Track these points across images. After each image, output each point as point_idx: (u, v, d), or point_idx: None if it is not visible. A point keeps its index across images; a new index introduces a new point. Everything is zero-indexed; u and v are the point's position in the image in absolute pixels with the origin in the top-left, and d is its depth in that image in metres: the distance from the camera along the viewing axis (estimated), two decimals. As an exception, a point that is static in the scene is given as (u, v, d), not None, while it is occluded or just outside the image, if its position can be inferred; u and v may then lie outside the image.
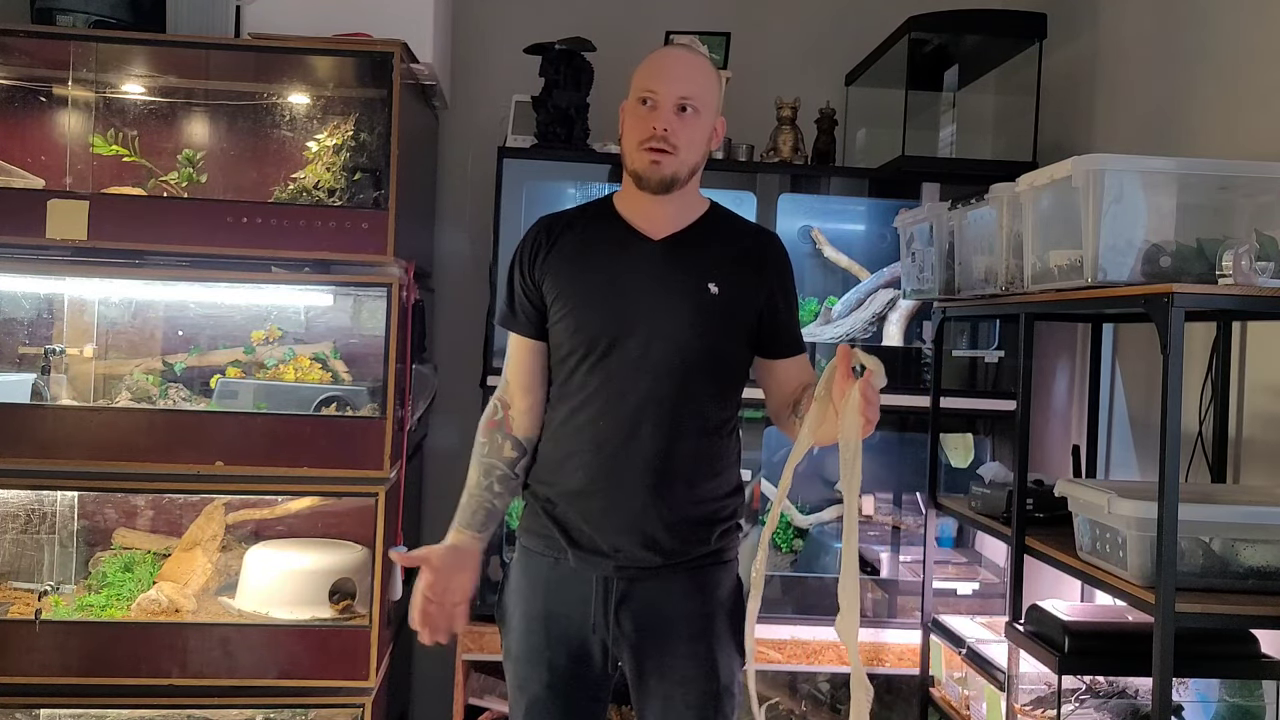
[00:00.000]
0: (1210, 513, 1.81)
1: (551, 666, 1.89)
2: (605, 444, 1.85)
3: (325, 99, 2.90)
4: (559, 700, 1.90)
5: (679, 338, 1.85)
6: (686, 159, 1.85)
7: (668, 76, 1.85)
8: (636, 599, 1.87)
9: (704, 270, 1.88)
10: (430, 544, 1.95)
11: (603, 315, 1.86)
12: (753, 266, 1.92)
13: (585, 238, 1.93)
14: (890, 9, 3.06)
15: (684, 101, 1.83)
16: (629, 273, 1.88)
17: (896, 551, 3.16)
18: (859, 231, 3.35)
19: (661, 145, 1.82)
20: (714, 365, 1.88)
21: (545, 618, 1.90)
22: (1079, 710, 2.13)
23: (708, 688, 1.87)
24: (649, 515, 1.84)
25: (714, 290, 1.87)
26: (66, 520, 2.88)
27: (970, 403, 3.01)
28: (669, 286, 1.87)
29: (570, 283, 1.90)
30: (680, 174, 1.85)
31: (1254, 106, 2.26)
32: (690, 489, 1.87)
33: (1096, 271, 1.85)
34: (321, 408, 2.72)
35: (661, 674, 1.88)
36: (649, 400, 1.84)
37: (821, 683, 3.07)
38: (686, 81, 1.85)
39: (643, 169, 1.85)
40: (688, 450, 1.86)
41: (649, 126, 1.83)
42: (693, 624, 1.88)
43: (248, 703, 2.60)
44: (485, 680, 2.98)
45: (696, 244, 1.91)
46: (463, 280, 3.39)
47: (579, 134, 2.98)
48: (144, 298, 2.90)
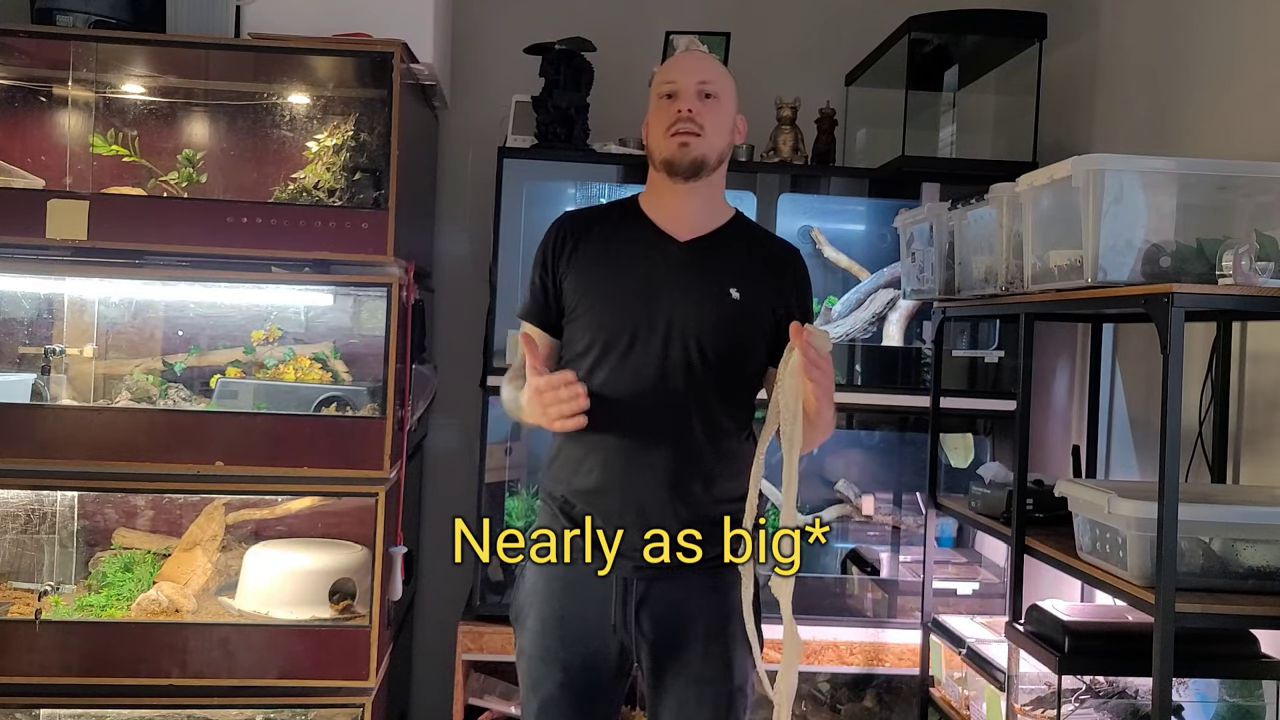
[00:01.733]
0: (1210, 513, 1.81)
1: (566, 667, 1.89)
2: (622, 443, 1.87)
3: (325, 99, 2.90)
4: (572, 700, 1.90)
5: (699, 339, 1.86)
6: (714, 142, 1.89)
7: (685, 69, 1.92)
8: (656, 599, 1.88)
9: (727, 275, 1.91)
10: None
11: (624, 314, 1.88)
12: (773, 276, 1.95)
13: (611, 236, 1.95)
14: (890, 9, 3.06)
15: (704, 87, 1.89)
16: (653, 273, 1.90)
17: (896, 551, 3.16)
18: (859, 231, 3.35)
19: (689, 127, 1.86)
20: (731, 368, 1.90)
21: (561, 618, 1.90)
22: (1079, 710, 2.13)
23: (722, 688, 1.89)
24: (666, 515, 1.85)
25: (735, 295, 1.89)
26: (66, 520, 2.88)
27: (970, 403, 3.01)
28: (691, 288, 1.89)
29: (595, 281, 1.92)
30: (709, 157, 1.89)
31: (1254, 106, 2.26)
32: (707, 489, 1.88)
33: (1096, 271, 1.85)
34: (321, 408, 2.72)
35: (678, 673, 1.89)
36: (666, 400, 1.86)
37: (821, 683, 3.07)
38: (704, 71, 1.92)
39: (672, 154, 1.88)
40: (704, 451, 1.88)
41: (673, 112, 1.88)
42: (710, 624, 1.89)
43: (248, 703, 2.59)
44: (485, 680, 2.98)
45: (720, 248, 1.94)
46: (463, 280, 3.39)
47: (579, 134, 2.98)
48: (144, 298, 2.90)
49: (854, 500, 3.17)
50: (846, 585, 3.09)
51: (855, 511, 3.17)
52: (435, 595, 3.36)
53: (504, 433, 3.04)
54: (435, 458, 3.40)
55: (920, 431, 3.03)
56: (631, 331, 1.87)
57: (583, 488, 1.90)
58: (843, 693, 3.07)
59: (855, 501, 3.16)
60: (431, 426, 3.40)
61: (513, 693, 2.94)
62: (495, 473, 2.98)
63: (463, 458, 3.30)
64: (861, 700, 3.06)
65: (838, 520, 3.19)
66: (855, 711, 3.05)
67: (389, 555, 2.67)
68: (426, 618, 3.40)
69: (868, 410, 3.13)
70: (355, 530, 2.86)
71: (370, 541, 2.66)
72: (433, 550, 3.32)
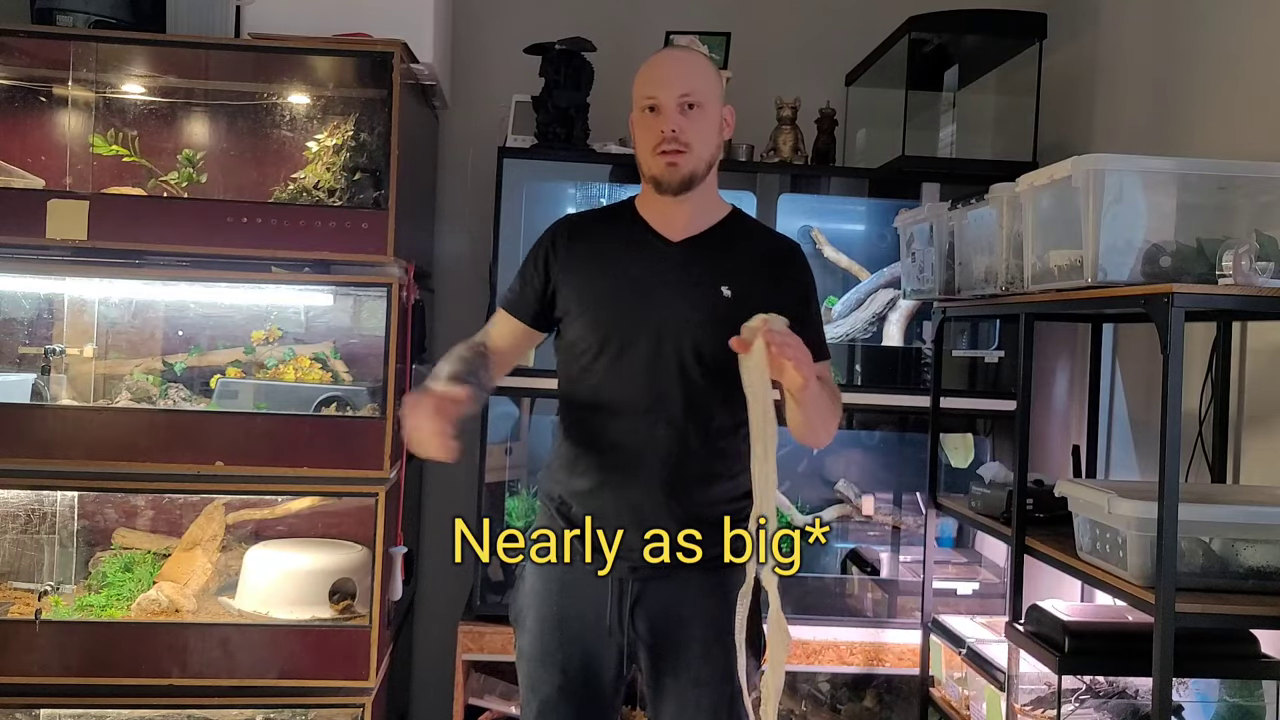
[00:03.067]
0: (1210, 513, 1.81)
1: (564, 669, 1.89)
2: (618, 443, 1.87)
3: (325, 99, 2.89)
4: (571, 702, 1.90)
5: (692, 338, 1.86)
6: (701, 154, 1.87)
7: (664, 80, 1.87)
8: (652, 600, 1.87)
9: (720, 273, 1.90)
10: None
11: (618, 315, 1.88)
12: (770, 273, 1.94)
13: (605, 239, 1.95)
14: (890, 9, 3.06)
15: (686, 99, 1.85)
16: (646, 274, 1.90)
17: (896, 551, 3.16)
18: (859, 231, 3.34)
19: (674, 146, 1.84)
20: (726, 367, 1.87)
21: (559, 619, 1.90)
22: (1079, 710, 2.13)
23: (723, 690, 1.88)
24: (661, 515, 1.85)
25: (727, 293, 1.88)
26: (66, 520, 2.88)
27: (970, 403, 3.00)
28: (685, 288, 1.88)
29: (587, 282, 1.92)
30: (698, 170, 1.87)
31: (1254, 106, 2.25)
32: (704, 489, 1.88)
33: (1096, 271, 1.85)
34: (321, 408, 2.72)
35: (677, 675, 1.88)
36: (661, 400, 1.86)
37: (821, 683, 3.07)
38: (684, 80, 1.86)
39: (660, 173, 1.86)
40: (700, 451, 1.87)
41: (657, 131, 1.85)
42: (709, 626, 1.88)
43: (248, 703, 2.59)
44: (485, 680, 2.98)
45: (714, 247, 1.93)
46: (463, 280, 3.38)
47: (579, 134, 2.98)
48: (144, 298, 2.89)
49: (854, 500, 3.17)
50: (847, 585, 3.09)
51: (855, 511, 3.17)
52: (435, 595, 3.36)
53: (504, 433, 3.04)
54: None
55: (920, 431, 3.03)
56: (625, 332, 1.87)
57: (579, 489, 1.90)
58: (843, 693, 3.07)
59: (855, 501, 3.16)
60: (431, 426, 3.39)
61: (513, 693, 2.94)
62: (495, 473, 2.98)
63: (463, 458, 3.29)
64: (862, 700, 3.06)
65: (838, 520, 3.19)
66: (855, 711, 3.05)
67: (389, 555, 2.67)
68: (426, 618, 3.40)
69: (868, 410, 3.14)
70: (355, 530, 2.86)
71: (370, 541, 2.66)
72: (433, 550, 3.31)
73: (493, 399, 2.91)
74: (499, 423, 2.97)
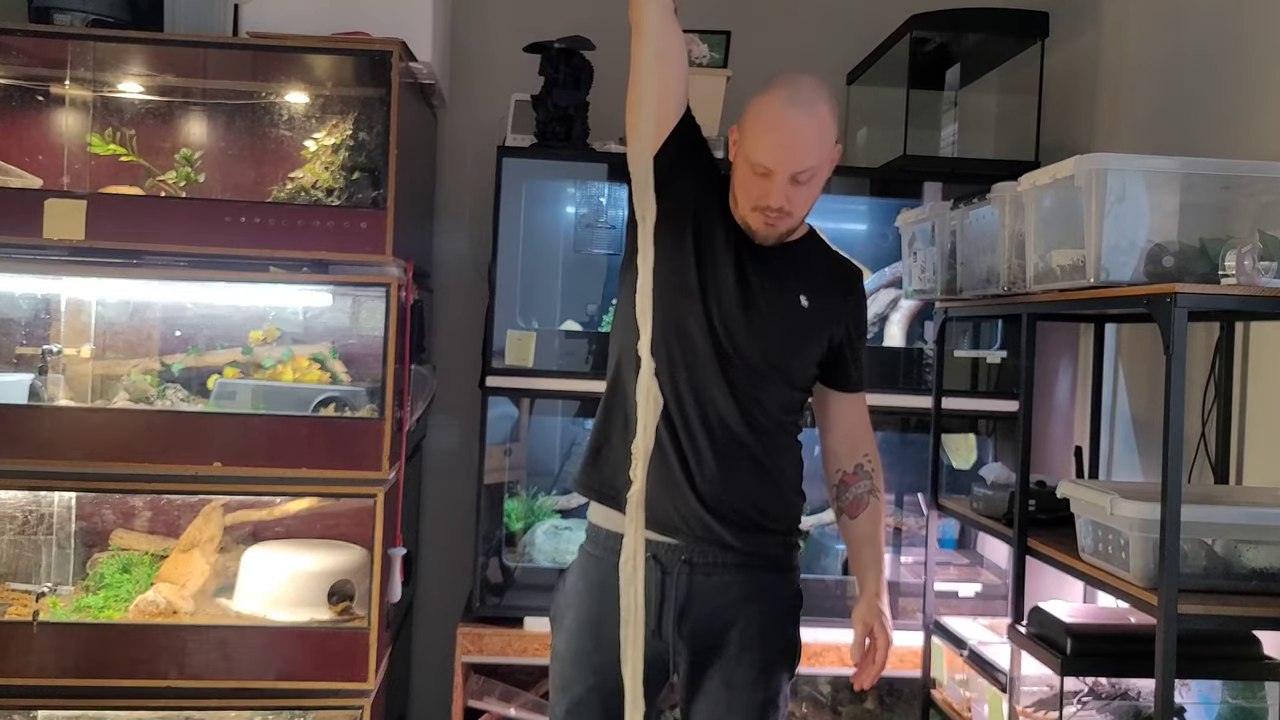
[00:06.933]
0: (1213, 514, 1.80)
1: (599, 670, 1.88)
2: (666, 445, 1.86)
3: (323, 98, 2.89)
4: (601, 704, 1.89)
5: (764, 340, 1.87)
6: (801, 215, 1.91)
7: (785, 151, 1.81)
8: (697, 603, 1.87)
9: (800, 282, 1.92)
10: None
11: (684, 302, 1.85)
12: (840, 293, 1.99)
13: (714, 210, 1.92)
14: (891, 8, 3.05)
15: (801, 176, 1.83)
16: (725, 268, 1.88)
17: (898, 553, 3.15)
18: (860, 231, 3.34)
19: (777, 216, 1.85)
20: (789, 373, 1.92)
21: (599, 622, 1.88)
22: (1081, 712, 2.13)
23: (754, 696, 1.88)
24: (710, 519, 1.85)
25: (805, 304, 1.91)
26: (64, 521, 2.87)
27: (972, 403, 3.00)
28: (764, 290, 1.89)
29: (677, 241, 1.85)
30: (794, 228, 1.92)
31: (1257, 105, 2.25)
32: (753, 494, 1.89)
33: (1099, 271, 1.84)
34: (320, 408, 2.70)
35: (712, 675, 1.89)
36: (718, 400, 1.86)
37: (822, 685, 3.07)
38: (805, 156, 1.82)
39: (756, 228, 1.88)
40: (749, 456, 1.88)
41: (764, 196, 1.83)
42: (748, 630, 1.88)
43: (246, 705, 2.58)
44: (484, 682, 2.97)
45: (797, 257, 1.95)
46: (462, 280, 3.38)
47: (579, 133, 2.97)
48: (141, 298, 2.89)
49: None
50: (848, 587, 3.08)
51: (856, 512, 3.15)
52: (434, 597, 3.35)
53: (503, 434, 3.03)
54: (434, 459, 3.39)
55: (922, 432, 3.02)
56: (688, 324, 1.86)
57: (621, 484, 1.87)
58: (844, 695, 3.06)
59: (856, 502, 3.15)
60: (430, 427, 3.39)
61: (512, 695, 2.94)
62: (494, 474, 2.97)
63: (462, 459, 3.29)
64: (863, 702, 3.05)
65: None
66: (856, 714, 3.04)
67: (388, 557, 2.66)
68: (425, 619, 3.39)
69: (869, 411, 3.12)
70: (354, 531, 2.85)
71: (369, 543, 2.65)
72: (432, 552, 3.31)
73: (492, 399, 2.90)
74: (498, 424, 2.96)
